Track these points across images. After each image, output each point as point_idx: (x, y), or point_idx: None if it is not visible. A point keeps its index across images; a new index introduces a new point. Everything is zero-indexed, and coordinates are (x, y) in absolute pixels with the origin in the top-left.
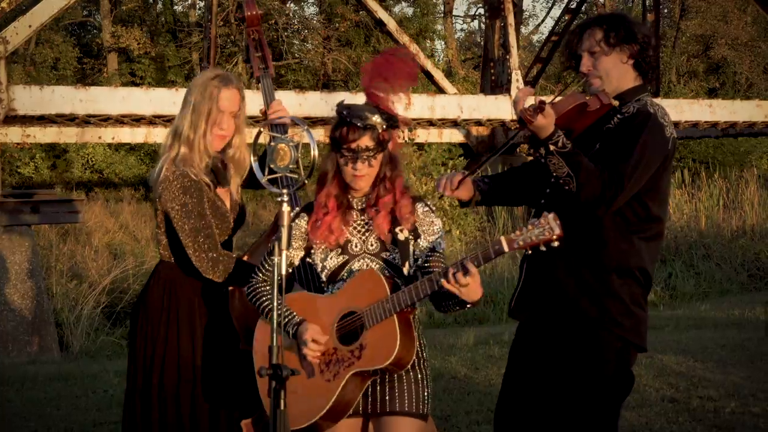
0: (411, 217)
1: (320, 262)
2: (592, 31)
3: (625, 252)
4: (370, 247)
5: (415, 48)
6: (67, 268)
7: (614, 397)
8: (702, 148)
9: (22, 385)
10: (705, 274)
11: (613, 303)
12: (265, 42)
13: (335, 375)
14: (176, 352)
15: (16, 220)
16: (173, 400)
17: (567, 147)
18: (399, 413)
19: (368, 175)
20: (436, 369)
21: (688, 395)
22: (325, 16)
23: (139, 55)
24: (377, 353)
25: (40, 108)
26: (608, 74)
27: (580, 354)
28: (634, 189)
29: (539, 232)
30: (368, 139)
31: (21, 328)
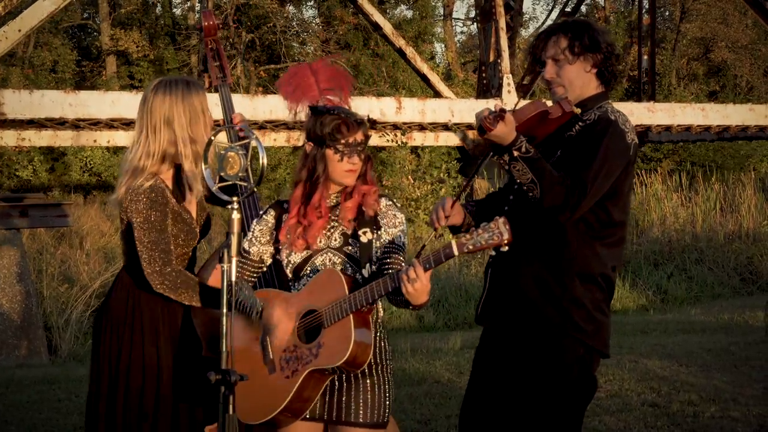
0: (375, 205)
1: (286, 257)
2: (557, 39)
3: (587, 258)
4: (334, 242)
5: (412, 51)
6: (59, 271)
7: (577, 402)
8: (702, 152)
9: (6, 388)
10: (697, 278)
11: (576, 309)
12: (223, 52)
13: (294, 372)
14: (140, 358)
15: (5, 223)
16: (137, 406)
17: (530, 152)
18: (356, 424)
19: (358, 169)
20: (420, 373)
21: (669, 399)
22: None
23: (137, 58)
24: (333, 352)
25: (29, 112)
26: (572, 83)
27: (543, 360)
28: (597, 195)
29: (489, 236)
30: (361, 134)
31: (9, 332)
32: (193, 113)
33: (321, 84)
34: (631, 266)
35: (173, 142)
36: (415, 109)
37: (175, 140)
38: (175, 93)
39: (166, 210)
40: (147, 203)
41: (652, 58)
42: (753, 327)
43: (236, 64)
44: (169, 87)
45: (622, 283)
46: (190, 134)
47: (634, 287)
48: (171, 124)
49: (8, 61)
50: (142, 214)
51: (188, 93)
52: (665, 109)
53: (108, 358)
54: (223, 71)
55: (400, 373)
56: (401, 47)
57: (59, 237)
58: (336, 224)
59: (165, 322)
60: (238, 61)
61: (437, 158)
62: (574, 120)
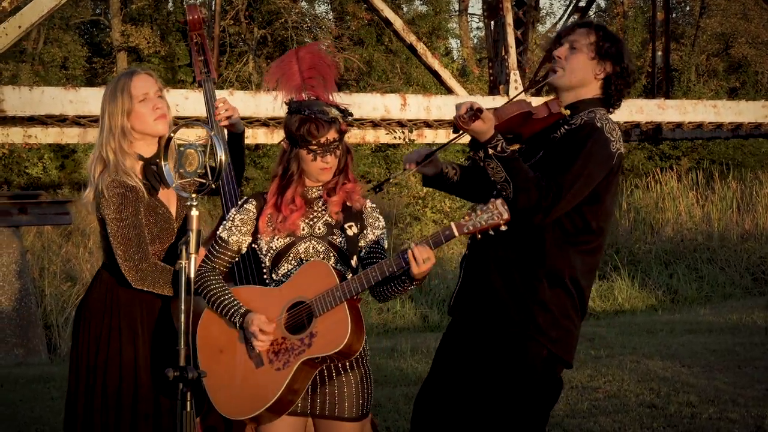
0: (361, 200)
1: (266, 244)
2: (588, 32)
3: (559, 262)
4: (317, 231)
5: (423, 47)
6: (62, 270)
7: (538, 404)
8: (720, 149)
9: (1, 386)
10: (708, 278)
11: (541, 312)
12: (208, 46)
13: (285, 364)
14: (118, 355)
15: (4, 221)
16: (115, 403)
17: (506, 152)
18: (341, 419)
19: (334, 167)
20: (417, 373)
21: (668, 401)
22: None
23: (149, 54)
24: (328, 340)
25: (29, 109)
26: (573, 71)
27: (505, 359)
28: (573, 201)
29: (488, 216)
30: (333, 132)
31: (8, 331)
32: (111, 101)
33: (304, 72)
34: (642, 266)
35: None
36: (420, 106)
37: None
38: (107, 86)
39: (137, 203)
40: (116, 198)
41: (666, 55)
42: (760, 327)
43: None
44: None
45: (632, 283)
46: (108, 123)
47: (644, 287)
48: (103, 117)
49: (18, 57)
50: (112, 208)
51: (114, 82)
52: (676, 106)
53: (86, 356)
54: (207, 66)
55: (397, 372)
56: (412, 43)
57: (66, 235)
58: (319, 214)
59: (143, 321)
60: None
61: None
62: (562, 122)
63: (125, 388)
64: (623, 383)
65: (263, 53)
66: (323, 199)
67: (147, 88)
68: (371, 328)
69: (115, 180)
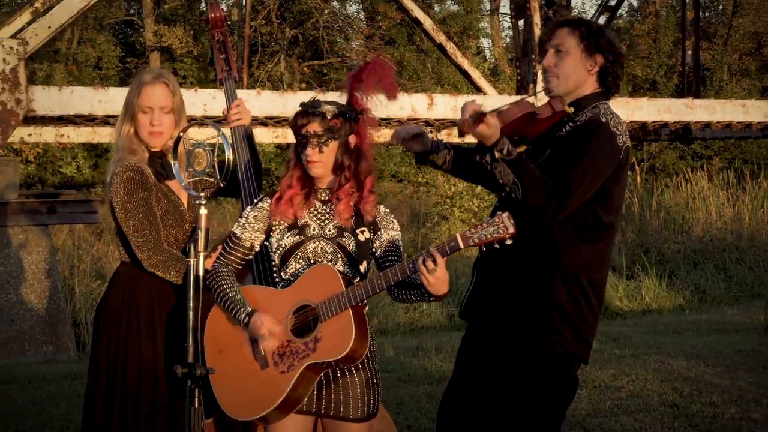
0: (373, 211)
1: (276, 242)
2: (571, 31)
3: (572, 260)
4: (328, 232)
5: (452, 47)
6: (93, 268)
7: (555, 402)
8: (753, 148)
9: (29, 383)
10: (736, 277)
11: (555, 310)
12: (229, 44)
13: (289, 367)
14: (137, 353)
15: (33, 220)
16: (134, 401)
17: (512, 155)
18: (348, 419)
19: (321, 162)
20: (441, 371)
21: (690, 400)
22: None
23: (181, 54)
24: (332, 345)
25: (59, 108)
26: (567, 77)
27: (521, 358)
28: (582, 197)
29: (494, 230)
30: (317, 125)
31: (38, 328)
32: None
33: (353, 81)
34: (670, 265)
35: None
36: (447, 106)
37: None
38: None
39: (147, 185)
40: (127, 180)
41: (696, 54)
42: None
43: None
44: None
45: (659, 283)
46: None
47: (672, 287)
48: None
49: (52, 57)
50: (123, 189)
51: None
52: (704, 106)
53: (106, 354)
54: (228, 64)
55: (421, 371)
56: (441, 43)
57: (97, 233)
58: (330, 217)
59: (161, 318)
60: (282, 57)
61: None
62: (567, 120)
63: (144, 385)
64: (646, 383)
65: (294, 53)
66: (333, 203)
67: (154, 101)
68: (398, 326)
69: (127, 164)
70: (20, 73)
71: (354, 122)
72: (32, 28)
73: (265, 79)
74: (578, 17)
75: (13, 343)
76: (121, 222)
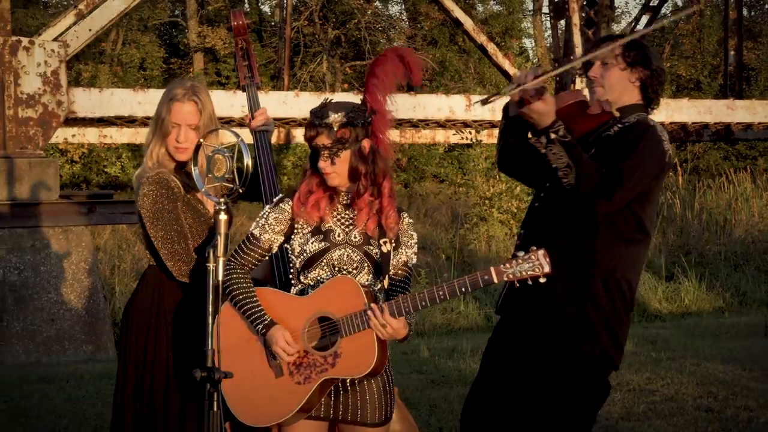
0: (396, 227)
1: (299, 246)
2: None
3: (611, 261)
4: (354, 239)
5: (493, 47)
6: (132, 268)
7: (587, 404)
8: None
9: (66, 382)
10: None
11: (594, 311)
12: (252, 51)
13: (306, 379)
14: (165, 355)
15: (74, 220)
16: (163, 404)
17: (568, 137)
18: (365, 425)
19: (335, 173)
20: (475, 373)
21: (725, 404)
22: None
23: (225, 55)
24: (353, 364)
25: (99, 110)
26: (612, 86)
27: (557, 356)
28: (632, 191)
29: (529, 266)
30: (325, 137)
31: (77, 327)
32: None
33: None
34: (710, 267)
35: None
36: (485, 107)
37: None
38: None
39: (175, 197)
40: (154, 191)
41: (739, 54)
42: None
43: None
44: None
45: (699, 285)
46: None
47: (711, 289)
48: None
49: (97, 58)
50: (150, 200)
51: (167, 92)
52: (745, 107)
53: (134, 355)
54: (251, 71)
55: (456, 373)
56: (482, 43)
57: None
58: (355, 223)
59: (189, 319)
60: (324, 57)
61: None
62: (613, 122)
63: (173, 387)
64: (681, 386)
65: (337, 54)
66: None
67: (182, 118)
68: (434, 328)
69: (154, 175)
70: (61, 75)
71: (365, 126)
72: (73, 30)
73: (308, 79)
74: (621, 33)
75: (53, 343)
76: (150, 232)
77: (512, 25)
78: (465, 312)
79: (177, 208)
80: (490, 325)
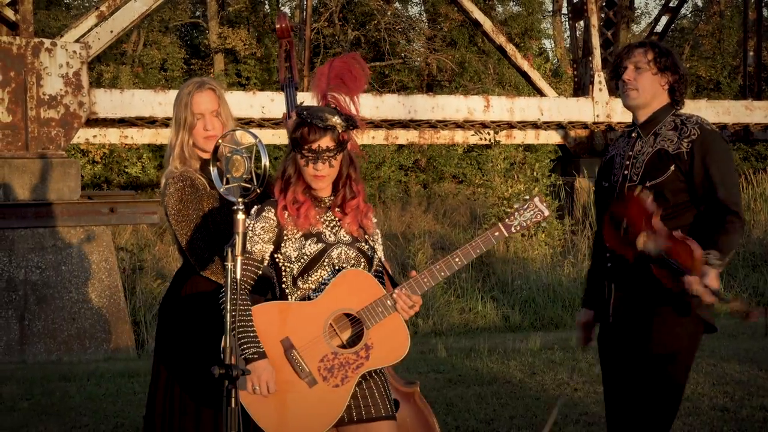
0: (372, 228)
1: (295, 251)
2: (646, 51)
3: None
4: (344, 238)
5: (512, 48)
6: (154, 267)
7: (687, 367)
8: None
9: (87, 380)
10: None
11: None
12: (294, 53)
13: (344, 379)
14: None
15: (95, 220)
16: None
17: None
18: (380, 418)
19: (329, 176)
20: (492, 373)
21: (741, 404)
22: (429, 15)
23: (245, 56)
24: (388, 351)
25: (120, 111)
26: (645, 89)
27: (664, 322)
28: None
29: (531, 215)
30: (329, 139)
31: (98, 326)
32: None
33: (331, 80)
34: (727, 268)
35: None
36: (503, 108)
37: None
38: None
39: (199, 193)
40: (179, 188)
41: (758, 55)
42: None
43: None
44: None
45: None
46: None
47: (729, 289)
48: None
49: (118, 59)
50: (175, 198)
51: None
52: (764, 108)
53: (167, 355)
54: (291, 72)
55: (472, 372)
56: (501, 44)
57: (160, 233)
58: (338, 224)
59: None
60: None
61: (543, 156)
62: (680, 134)
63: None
64: (697, 386)
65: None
66: (336, 216)
67: (204, 107)
68: (452, 327)
69: (178, 174)
70: (83, 76)
71: (353, 130)
72: (95, 32)
73: None
74: (650, 40)
75: (74, 341)
76: (174, 228)
77: (531, 26)
78: (483, 312)
79: (200, 204)
80: (507, 325)
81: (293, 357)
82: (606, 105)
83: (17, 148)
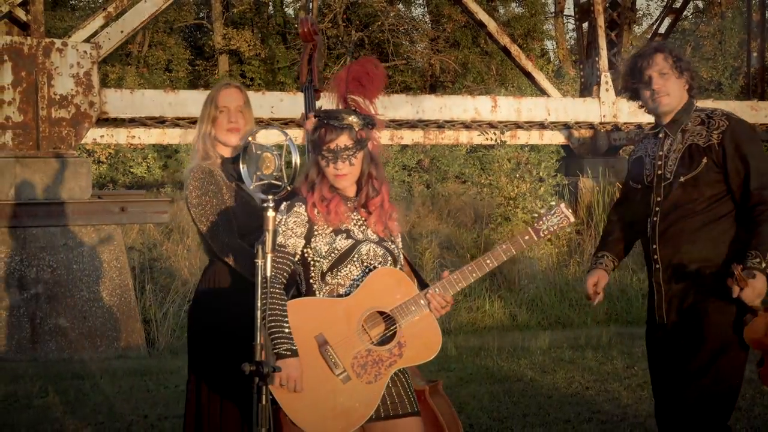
0: (396, 230)
1: (326, 245)
2: (665, 56)
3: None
4: (371, 236)
5: (516, 49)
6: (163, 266)
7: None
8: None
9: (100, 378)
10: None
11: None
12: (316, 57)
13: (377, 376)
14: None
15: (105, 219)
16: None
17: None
18: (406, 415)
19: (350, 174)
20: (503, 371)
21: (753, 403)
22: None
23: (249, 57)
24: (420, 349)
25: (130, 111)
26: (674, 95)
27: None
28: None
29: (558, 220)
30: (346, 138)
31: (109, 324)
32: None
33: (349, 84)
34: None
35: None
36: (510, 108)
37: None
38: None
39: (220, 185)
40: (200, 181)
41: (762, 55)
42: None
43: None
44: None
45: None
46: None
47: None
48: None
49: (124, 60)
50: (196, 191)
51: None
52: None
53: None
54: (311, 74)
55: (483, 371)
56: (506, 45)
57: (167, 232)
58: (365, 223)
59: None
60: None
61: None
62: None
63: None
64: None
65: (360, 55)
66: (362, 216)
67: (229, 101)
68: (460, 326)
69: (198, 166)
70: (93, 76)
71: (372, 128)
72: (105, 32)
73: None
74: (659, 43)
75: (85, 339)
76: (195, 218)
77: (534, 27)
78: (490, 311)
79: (220, 194)
80: (514, 324)
81: (327, 353)
82: (613, 105)
83: (28, 147)
